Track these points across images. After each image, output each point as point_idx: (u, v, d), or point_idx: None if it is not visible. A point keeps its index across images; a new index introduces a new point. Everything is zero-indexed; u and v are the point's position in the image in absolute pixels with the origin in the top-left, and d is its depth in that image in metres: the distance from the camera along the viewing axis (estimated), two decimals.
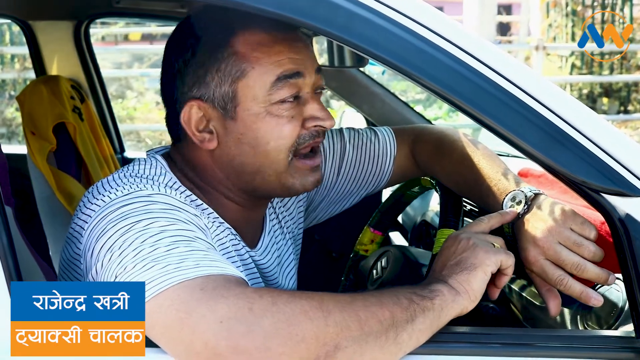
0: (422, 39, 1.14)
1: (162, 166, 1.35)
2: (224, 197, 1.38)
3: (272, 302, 1.03)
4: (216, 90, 1.30)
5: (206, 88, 1.31)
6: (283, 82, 1.29)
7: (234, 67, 1.29)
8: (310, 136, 1.34)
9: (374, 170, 1.66)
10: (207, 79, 1.31)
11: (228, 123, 1.31)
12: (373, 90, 2.69)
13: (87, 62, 2.89)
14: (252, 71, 1.29)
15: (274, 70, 1.29)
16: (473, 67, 1.14)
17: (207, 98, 1.31)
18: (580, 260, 1.23)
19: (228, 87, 1.30)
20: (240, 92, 1.30)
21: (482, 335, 1.20)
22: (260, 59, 1.29)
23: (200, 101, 1.32)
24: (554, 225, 1.25)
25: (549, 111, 1.16)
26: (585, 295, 1.23)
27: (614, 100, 10.16)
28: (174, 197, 1.22)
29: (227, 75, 1.30)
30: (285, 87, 1.30)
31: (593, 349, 1.17)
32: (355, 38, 1.14)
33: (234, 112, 1.31)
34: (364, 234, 1.83)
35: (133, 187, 1.22)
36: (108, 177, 1.30)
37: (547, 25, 11.04)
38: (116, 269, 1.10)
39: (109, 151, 2.76)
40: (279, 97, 1.29)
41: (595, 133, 1.16)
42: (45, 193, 2.40)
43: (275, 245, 1.51)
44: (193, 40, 1.32)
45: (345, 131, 1.67)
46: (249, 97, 1.30)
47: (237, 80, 1.29)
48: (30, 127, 2.44)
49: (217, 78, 1.30)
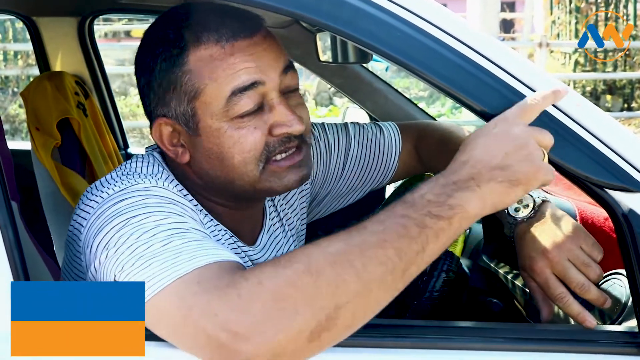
0: (427, 34, 1.14)
1: (160, 163, 1.35)
2: (213, 203, 1.37)
3: (258, 282, 1.00)
4: (177, 108, 1.28)
5: (167, 107, 1.29)
6: (238, 95, 1.24)
7: (189, 85, 1.26)
8: (280, 143, 1.29)
9: (378, 165, 1.66)
10: (166, 98, 1.28)
11: (194, 139, 1.29)
12: (376, 87, 2.68)
13: (91, 58, 2.89)
14: (206, 88, 1.25)
15: (229, 84, 1.24)
16: (477, 62, 1.15)
17: (170, 115, 1.29)
18: (586, 281, 1.24)
19: (186, 105, 1.27)
20: (198, 109, 1.26)
21: (486, 330, 1.20)
22: (214, 75, 1.25)
23: (166, 118, 1.30)
24: (566, 241, 1.26)
25: (553, 107, 1.16)
26: (582, 317, 1.22)
27: (618, 97, 10.15)
28: (170, 190, 1.23)
29: (184, 94, 1.26)
30: (242, 99, 1.25)
31: (596, 344, 1.18)
32: (360, 33, 1.14)
33: (196, 128, 1.28)
34: None
35: (131, 182, 1.22)
36: (106, 175, 1.30)
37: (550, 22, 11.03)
38: (114, 268, 1.10)
39: (113, 147, 2.76)
40: (237, 111, 1.25)
41: (599, 129, 1.16)
42: (50, 188, 2.40)
43: (274, 242, 1.51)
44: (150, 58, 1.29)
45: (350, 126, 1.67)
46: (207, 114, 1.26)
47: (193, 99, 1.26)
48: (35, 122, 2.44)
49: (176, 98, 1.27)
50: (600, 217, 1.52)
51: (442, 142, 1.61)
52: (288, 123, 1.27)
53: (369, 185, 1.70)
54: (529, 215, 1.32)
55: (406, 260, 1.03)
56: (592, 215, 1.53)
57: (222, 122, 1.26)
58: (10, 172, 1.64)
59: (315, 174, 1.63)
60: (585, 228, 1.50)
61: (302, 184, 1.34)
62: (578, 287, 1.24)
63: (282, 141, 1.29)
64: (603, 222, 1.51)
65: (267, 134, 1.27)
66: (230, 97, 1.24)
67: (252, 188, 1.31)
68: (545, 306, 1.29)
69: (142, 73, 1.31)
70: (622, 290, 1.33)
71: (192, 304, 1.02)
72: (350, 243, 1.03)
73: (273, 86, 1.27)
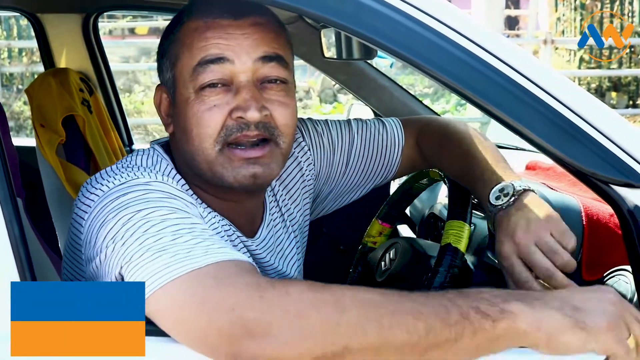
0: (431, 30, 1.14)
1: (159, 154, 1.36)
2: (210, 195, 1.37)
3: (285, 292, 1.03)
4: (166, 75, 1.36)
5: (162, 74, 1.37)
6: (204, 66, 1.28)
7: (172, 52, 1.33)
8: (237, 128, 1.28)
9: (382, 161, 1.66)
10: (162, 65, 1.37)
11: (173, 108, 1.35)
12: (381, 83, 2.68)
13: (95, 55, 2.89)
14: (182, 56, 1.32)
15: (198, 54, 1.29)
16: (482, 58, 1.14)
17: (165, 83, 1.37)
18: (551, 267, 1.22)
19: (170, 72, 1.34)
20: (177, 76, 1.33)
21: None
22: (189, 44, 1.31)
23: (163, 86, 1.38)
24: (536, 226, 1.25)
25: (559, 103, 1.16)
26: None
27: (623, 94, 10.13)
28: (170, 184, 1.23)
29: (169, 60, 1.34)
30: (205, 71, 1.28)
31: None
32: (364, 28, 1.14)
33: (174, 96, 1.34)
34: (372, 226, 1.83)
35: (130, 176, 1.23)
36: (106, 169, 1.31)
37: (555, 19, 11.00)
38: (121, 259, 1.11)
39: (118, 144, 2.76)
40: (200, 82, 1.28)
41: (604, 124, 1.16)
42: (55, 185, 2.41)
43: (274, 237, 1.51)
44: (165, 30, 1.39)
45: (353, 122, 1.67)
46: (180, 82, 1.32)
47: (173, 65, 1.33)
48: (40, 119, 2.44)
49: (165, 65, 1.36)
50: (606, 214, 1.52)
51: (441, 137, 1.61)
52: (245, 107, 1.27)
53: (373, 182, 1.70)
54: (508, 202, 1.31)
55: (433, 341, 1.01)
56: (598, 212, 1.53)
57: (190, 92, 1.30)
58: (15, 169, 1.64)
59: (319, 170, 1.63)
60: (591, 224, 1.51)
61: (254, 182, 1.31)
62: (542, 272, 1.22)
63: (240, 127, 1.28)
64: (608, 218, 1.51)
65: (228, 116, 1.28)
66: (196, 66, 1.29)
67: (208, 168, 1.31)
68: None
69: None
70: (628, 286, 1.33)
71: (207, 296, 1.03)
72: (387, 299, 1.04)
73: (243, 69, 1.29)
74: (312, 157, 1.60)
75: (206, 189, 1.36)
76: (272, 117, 1.30)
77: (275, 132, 1.31)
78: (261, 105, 1.28)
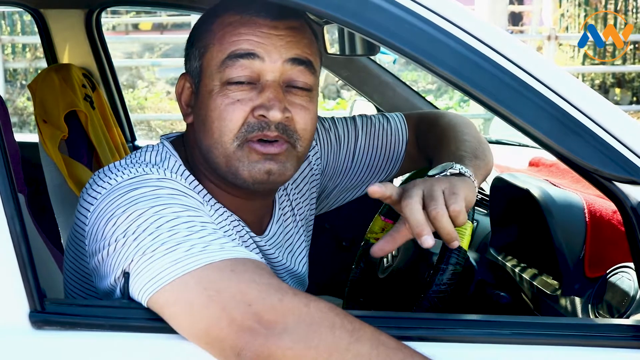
0: (435, 26, 1.14)
1: (168, 151, 1.36)
2: (221, 190, 1.37)
3: (305, 304, 1.05)
4: (192, 63, 1.36)
5: (189, 62, 1.37)
6: (233, 60, 1.29)
7: (202, 42, 1.34)
8: (257, 126, 1.28)
9: (387, 156, 1.66)
10: (189, 54, 1.37)
11: (196, 98, 1.35)
12: (384, 80, 2.68)
13: (98, 51, 2.89)
14: (212, 47, 1.31)
15: (228, 48, 1.29)
16: (486, 55, 1.14)
17: (190, 72, 1.37)
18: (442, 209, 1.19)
19: (197, 61, 1.34)
20: (203, 67, 1.33)
21: (493, 323, 1.20)
22: (221, 37, 1.31)
23: (188, 75, 1.38)
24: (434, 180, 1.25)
25: (562, 99, 1.15)
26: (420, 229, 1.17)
27: (627, 90, 10.10)
28: (179, 182, 1.23)
29: (197, 49, 1.34)
30: (234, 66, 1.28)
31: (604, 338, 1.17)
32: (367, 25, 1.13)
33: (198, 86, 1.34)
34: (374, 223, 1.82)
35: (139, 171, 1.23)
36: (115, 163, 1.31)
37: (559, 15, 10.98)
38: (133, 252, 1.11)
39: (120, 139, 2.76)
40: (227, 75, 1.28)
41: (608, 121, 1.15)
42: (57, 181, 2.41)
43: (284, 232, 1.51)
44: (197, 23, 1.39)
45: (358, 118, 1.67)
46: (206, 74, 1.32)
47: (202, 55, 1.33)
48: (42, 115, 2.44)
49: (193, 53, 1.36)
50: (609, 210, 1.52)
51: (432, 128, 1.62)
52: (268, 106, 1.28)
53: (377, 177, 1.70)
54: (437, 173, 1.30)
55: None
56: (601, 208, 1.52)
57: (215, 84, 1.30)
58: (17, 165, 1.64)
59: (325, 165, 1.63)
60: (594, 221, 1.50)
61: (268, 179, 1.31)
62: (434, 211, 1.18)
63: (261, 125, 1.29)
64: (611, 215, 1.50)
65: (250, 113, 1.28)
66: (225, 59, 1.29)
67: (224, 162, 1.31)
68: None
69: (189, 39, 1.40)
70: (630, 283, 1.32)
71: (223, 288, 1.05)
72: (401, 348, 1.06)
73: (272, 68, 1.29)
74: (320, 153, 1.61)
75: (218, 184, 1.36)
76: (292, 120, 1.31)
77: (294, 136, 1.32)
78: (284, 107, 1.29)
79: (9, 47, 9.82)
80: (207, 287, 1.05)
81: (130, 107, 3.26)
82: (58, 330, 1.13)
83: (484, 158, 1.47)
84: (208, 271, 1.06)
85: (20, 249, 1.13)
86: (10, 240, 1.13)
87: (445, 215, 1.19)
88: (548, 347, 1.16)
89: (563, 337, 1.17)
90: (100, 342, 1.12)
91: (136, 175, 1.22)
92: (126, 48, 10.74)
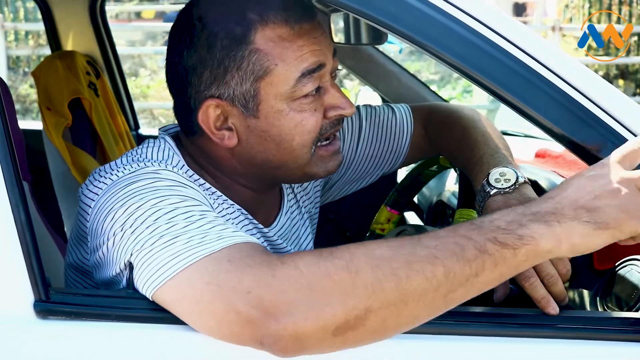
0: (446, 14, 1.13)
1: (170, 148, 1.33)
2: (237, 184, 1.36)
3: (294, 267, 1.02)
4: (236, 89, 1.25)
5: (225, 87, 1.25)
6: (307, 77, 1.25)
7: (257, 65, 1.23)
8: (331, 125, 1.31)
9: (391, 147, 1.65)
10: (226, 77, 1.25)
11: (249, 120, 1.27)
12: (390, 69, 2.67)
13: (102, 38, 2.88)
14: (275, 69, 1.24)
15: (298, 66, 1.24)
16: (497, 43, 1.13)
17: (227, 96, 1.26)
18: (555, 273, 1.19)
19: (250, 85, 1.24)
20: (262, 90, 1.25)
21: (500, 315, 1.19)
22: (283, 55, 1.24)
23: (218, 100, 1.26)
24: None
25: (572, 88, 1.14)
26: (546, 301, 1.17)
27: (630, 82, 10.08)
28: (179, 174, 1.22)
29: (250, 73, 1.24)
30: (309, 82, 1.25)
31: (613, 331, 1.16)
32: (378, 13, 1.13)
33: (256, 110, 1.26)
34: (380, 213, 1.82)
35: (140, 166, 1.22)
36: (115, 160, 1.29)
37: (563, 6, 10.95)
38: (131, 246, 1.10)
39: (124, 128, 2.76)
40: (303, 92, 1.25)
41: (618, 110, 1.14)
42: (61, 169, 2.40)
43: (291, 225, 1.51)
44: (207, 35, 1.24)
45: (362, 109, 1.65)
46: (271, 95, 1.25)
47: (259, 78, 1.24)
48: (46, 102, 2.44)
49: (238, 77, 1.24)
50: None
51: (449, 123, 1.60)
52: (342, 105, 1.30)
53: (381, 169, 1.69)
54: (507, 189, 1.27)
55: (454, 282, 1.01)
56: None
57: (284, 103, 1.26)
58: (22, 152, 1.63)
59: None
60: None
61: (337, 169, 1.36)
62: (547, 278, 1.18)
63: (333, 124, 1.31)
64: None
65: (322, 117, 1.29)
66: (299, 78, 1.24)
67: (301, 171, 1.32)
68: (501, 287, 1.25)
69: (193, 49, 1.26)
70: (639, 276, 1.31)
71: (223, 280, 1.03)
72: (399, 251, 1.02)
73: (329, 68, 1.29)
74: None
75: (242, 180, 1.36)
76: None
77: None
78: (349, 99, 1.31)
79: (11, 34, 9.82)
80: (209, 282, 1.03)
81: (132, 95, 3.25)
82: (63, 320, 1.12)
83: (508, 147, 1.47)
84: (208, 264, 1.04)
85: (25, 238, 1.12)
86: (15, 228, 1.12)
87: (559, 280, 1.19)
88: (556, 340, 1.15)
89: (571, 330, 1.16)
90: (105, 332, 1.11)
91: (136, 169, 1.20)
92: (129, 36, 10.73)
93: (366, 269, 1.00)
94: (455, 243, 1.01)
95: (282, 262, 1.03)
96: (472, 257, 1.00)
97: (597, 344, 1.14)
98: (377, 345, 1.07)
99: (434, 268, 1.00)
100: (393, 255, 1.01)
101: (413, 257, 1.01)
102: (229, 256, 1.05)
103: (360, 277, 1.00)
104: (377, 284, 0.99)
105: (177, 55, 1.29)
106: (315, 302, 0.99)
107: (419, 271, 1.00)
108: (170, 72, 1.32)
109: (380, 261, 1.01)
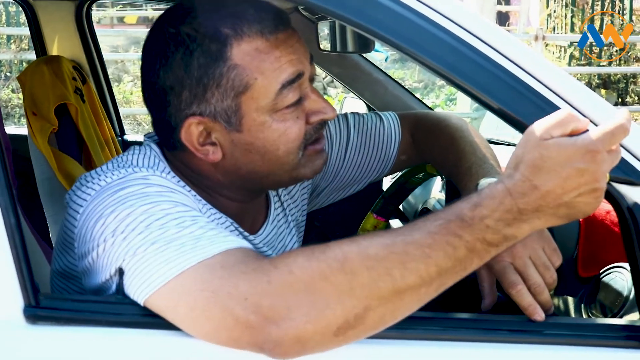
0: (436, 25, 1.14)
1: (156, 155, 1.32)
2: (221, 196, 1.36)
3: (288, 272, 1.02)
4: (217, 105, 1.24)
5: (206, 104, 1.24)
6: (288, 88, 1.24)
7: (236, 80, 1.22)
8: (314, 130, 1.31)
9: (379, 155, 1.65)
10: (206, 95, 1.23)
11: (233, 135, 1.26)
12: (376, 77, 2.67)
13: (88, 43, 2.87)
14: (255, 82, 1.22)
15: (277, 77, 1.23)
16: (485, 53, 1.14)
17: (208, 113, 1.24)
18: (542, 282, 1.21)
19: (231, 101, 1.23)
20: (244, 104, 1.24)
21: (487, 322, 1.20)
22: (261, 68, 1.22)
23: (199, 117, 1.25)
24: (531, 239, 1.23)
25: (558, 97, 1.15)
26: (533, 309, 1.19)
27: (612, 91, 10.17)
28: (168, 179, 1.22)
29: (230, 90, 1.23)
30: (290, 92, 1.25)
31: (597, 337, 1.17)
32: (368, 22, 1.13)
33: (238, 124, 1.25)
34: (366, 220, 1.83)
35: (128, 171, 1.21)
36: (102, 166, 1.28)
37: (546, 15, 11.04)
38: (123, 252, 1.09)
39: (110, 134, 2.75)
40: (285, 104, 1.25)
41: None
42: (46, 174, 2.39)
43: (277, 232, 1.50)
44: (182, 53, 1.22)
45: (350, 116, 1.66)
46: (253, 109, 1.24)
47: (240, 94, 1.23)
48: (32, 107, 2.43)
49: (218, 94, 1.23)
50: (602, 210, 1.52)
51: (436, 132, 1.61)
52: (323, 110, 1.30)
53: (369, 177, 1.69)
54: None
55: (446, 277, 1.05)
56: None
57: (267, 115, 1.25)
58: (9, 157, 1.63)
59: None
60: (587, 221, 1.51)
61: (324, 167, 1.37)
62: (534, 287, 1.21)
63: (316, 128, 1.31)
64: (605, 215, 1.51)
65: (305, 123, 1.29)
66: (279, 90, 1.24)
67: (288, 175, 1.32)
68: (489, 295, 1.27)
69: (169, 68, 1.24)
70: (624, 283, 1.33)
71: (218, 286, 1.03)
72: (393, 250, 1.04)
73: (308, 75, 1.29)
74: None
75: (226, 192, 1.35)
76: None
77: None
78: (329, 102, 1.31)
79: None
80: (203, 288, 1.03)
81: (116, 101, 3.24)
82: (52, 325, 1.11)
83: (495, 157, 1.48)
84: (200, 270, 1.04)
85: (14, 243, 1.12)
86: (5, 233, 1.12)
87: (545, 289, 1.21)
88: (541, 347, 1.16)
89: (556, 337, 1.17)
90: (95, 337, 1.11)
91: (125, 175, 1.20)
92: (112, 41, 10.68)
93: (361, 270, 1.02)
94: (448, 242, 1.04)
95: (275, 267, 1.03)
96: (462, 256, 1.05)
97: (582, 350, 1.15)
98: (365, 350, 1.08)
99: (427, 268, 1.03)
100: (387, 254, 1.03)
101: (407, 257, 1.03)
102: (222, 262, 1.05)
103: (356, 278, 1.02)
104: (373, 285, 1.02)
105: (152, 75, 1.26)
106: (315, 305, 1.00)
107: (413, 271, 1.03)
108: (148, 92, 1.30)
109: (375, 262, 1.03)
